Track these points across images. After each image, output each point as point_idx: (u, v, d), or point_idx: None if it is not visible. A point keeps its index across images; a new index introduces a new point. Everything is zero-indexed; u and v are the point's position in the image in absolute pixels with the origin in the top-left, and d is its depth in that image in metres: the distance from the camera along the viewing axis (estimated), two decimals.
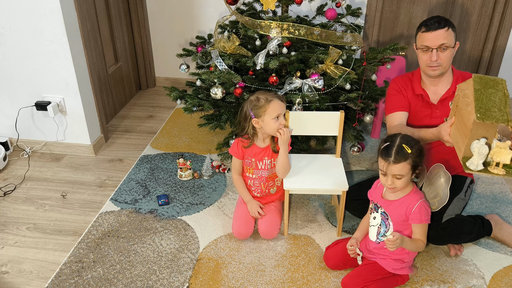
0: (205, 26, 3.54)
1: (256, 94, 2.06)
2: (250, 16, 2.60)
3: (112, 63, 3.34)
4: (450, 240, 2.02)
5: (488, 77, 1.59)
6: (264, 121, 2.01)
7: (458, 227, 1.98)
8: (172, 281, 1.94)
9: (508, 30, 3.22)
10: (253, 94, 2.07)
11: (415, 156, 1.68)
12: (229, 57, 2.46)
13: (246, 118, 2.06)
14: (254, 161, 2.13)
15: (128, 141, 3.08)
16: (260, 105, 2.00)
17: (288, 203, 2.14)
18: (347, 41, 2.48)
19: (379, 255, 1.86)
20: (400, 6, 3.31)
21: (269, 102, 1.99)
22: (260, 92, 2.10)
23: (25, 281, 1.97)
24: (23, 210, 2.41)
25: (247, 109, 2.04)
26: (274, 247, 2.13)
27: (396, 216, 1.78)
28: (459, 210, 2.05)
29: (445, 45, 1.94)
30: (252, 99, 2.04)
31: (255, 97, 2.03)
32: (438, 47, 1.94)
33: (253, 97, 2.04)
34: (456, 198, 2.03)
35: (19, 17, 2.48)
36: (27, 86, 2.72)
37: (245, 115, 2.06)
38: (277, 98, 2.02)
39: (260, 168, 2.14)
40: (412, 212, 1.74)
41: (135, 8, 3.47)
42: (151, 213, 2.35)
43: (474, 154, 1.52)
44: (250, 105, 2.03)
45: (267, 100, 2.00)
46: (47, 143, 2.92)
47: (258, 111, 2.00)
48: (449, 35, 1.94)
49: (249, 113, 2.03)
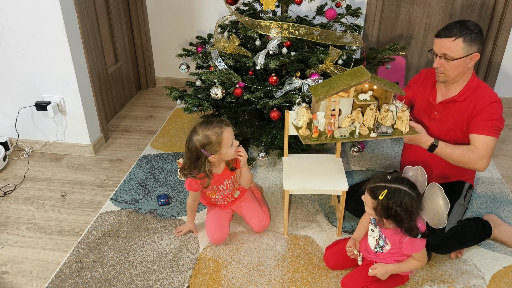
0: (205, 26, 3.54)
1: (199, 132, 1.87)
2: (250, 16, 2.60)
3: (112, 63, 3.34)
4: (455, 248, 2.01)
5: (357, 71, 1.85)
6: (221, 153, 1.90)
7: (461, 234, 1.98)
8: (172, 281, 1.94)
9: (508, 30, 3.22)
10: (195, 133, 1.88)
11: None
12: (229, 57, 2.46)
13: (199, 159, 1.90)
14: (215, 187, 2.08)
15: (128, 141, 3.08)
16: (213, 142, 1.86)
17: (288, 203, 2.14)
18: (347, 41, 2.48)
19: (379, 257, 1.86)
20: (400, 6, 3.31)
21: (220, 135, 1.86)
22: (200, 128, 1.89)
23: (25, 281, 1.97)
24: (23, 210, 2.41)
25: (197, 151, 1.87)
26: (274, 247, 2.13)
27: (391, 240, 1.77)
28: (460, 216, 2.05)
29: (447, 55, 1.86)
30: (200, 139, 1.86)
31: (203, 136, 1.85)
32: (441, 55, 1.89)
33: (200, 137, 1.86)
34: (456, 204, 2.03)
35: (19, 17, 2.48)
36: (27, 86, 2.72)
37: (197, 157, 1.89)
38: (224, 125, 1.89)
39: (222, 190, 2.11)
40: (404, 242, 1.71)
41: (135, 8, 3.47)
42: (151, 213, 2.35)
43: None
44: (201, 145, 1.86)
45: (218, 134, 1.86)
46: (47, 143, 2.92)
47: (213, 148, 1.87)
48: (455, 46, 1.84)
49: (203, 153, 1.87)
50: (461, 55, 1.85)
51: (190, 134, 1.90)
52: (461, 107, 1.98)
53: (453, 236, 1.95)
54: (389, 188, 1.63)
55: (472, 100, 1.95)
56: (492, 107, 1.92)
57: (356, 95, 1.89)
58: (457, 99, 1.98)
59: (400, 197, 1.61)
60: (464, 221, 2.08)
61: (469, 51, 1.85)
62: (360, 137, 1.88)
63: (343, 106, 1.92)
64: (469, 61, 1.88)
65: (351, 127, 1.88)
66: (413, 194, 1.64)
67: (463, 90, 1.97)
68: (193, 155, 1.90)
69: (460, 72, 1.92)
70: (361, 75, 1.80)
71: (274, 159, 2.79)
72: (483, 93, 1.94)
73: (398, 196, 1.61)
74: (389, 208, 1.62)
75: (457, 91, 1.99)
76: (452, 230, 1.95)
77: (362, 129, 1.87)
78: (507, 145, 3.02)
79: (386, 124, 1.87)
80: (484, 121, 1.92)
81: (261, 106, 2.36)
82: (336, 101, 1.87)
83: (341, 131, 1.87)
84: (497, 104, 1.93)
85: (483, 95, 1.94)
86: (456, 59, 1.86)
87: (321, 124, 1.89)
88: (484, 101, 1.92)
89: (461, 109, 1.98)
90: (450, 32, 1.84)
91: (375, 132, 1.88)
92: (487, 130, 1.91)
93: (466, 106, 1.96)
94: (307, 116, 1.90)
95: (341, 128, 1.87)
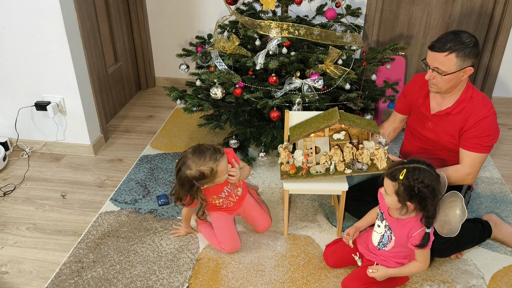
0: (205, 26, 3.54)
1: (192, 166, 1.77)
2: (250, 16, 2.60)
3: (111, 63, 3.34)
4: (454, 251, 2.01)
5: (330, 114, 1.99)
6: (215, 182, 1.86)
7: (459, 238, 1.95)
8: (172, 281, 1.94)
9: (508, 30, 3.22)
10: (187, 167, 1.77)
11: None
12: (229, 57, 2.46)
13: (191, 190, 1.84)
14: (215, 197, 2.04)
15: (128, 141, 3.08)
16: (208, 176, 1.79)
17: (288, 203, 2.14)
18: (346, 41, 2.48)
19: (379, 256, 1.85)
20: (400, 6, 3.31)
21: (215, 168, 1.78)
22: (193, 161, 1.78)
23: (25, 281, 1.97)
24: (23, 210, 2.41)
25: (190, 183, 1.80)
26: (274, 247, 2.13)
27: (399, 234, 1.75)
28: None
29: (439, 69, 1.82)
30: (194, 174, 1.77)
31: (197, 172, 1.76)
32: (433, 68, 1.85)
33: (194, 172, 1.77)
34: None
35: (19, 17, 2.48)
36: (27, 86, 2.72)
37: (189, 188, 1.83)
38: (219, 157, 1.80)
39: (223, 197, 2.06)
40: (413, 237, 1.68)
41: (134, 8, 3.47)
42: (151, 213, 2.35)
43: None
44: (193, 178, 1.78)
45: (213, 169, 1.78)
46: (46, 143, 2.92)
47: (207, 181, 1.81)
48: (448, 61, 1.79)
49: (196, 184, 1.82)
50: (453, 70, 1.81)
51: (181, 164, 1.79)
52: (454, 120, 1.96)
53: (451, 240, 1.93)
54: (408, 167, 1.61)
55: (465, 113, 1.93)
56: (484, 123, 1.88)
57: (331, 135, 2.05)
58: (451, 112, 1.96)
59: (420, 174, 1.58)
60: (463, 223, 2.07)
61: (462, 66, 1.81)
62: (336, 173, 1.98)
63: (321, 144, 2.07)
64: (462, 75, 1.85)
65: (325, 165, 1.99)
66: (432, 172, 1.62)
67: (457, 102, 1.95)
68: (185, 186, 1.82)
69: (452, 85, 1.89)
70: (331, 118, 1.96)
71: (274, 159, 2.79)
72: (477, 107, 1.91)
73: (418, 173, 1.58)
74: (411, 187, 1.58)
75: (452, 102, 1.97)
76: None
77: (339, 165, 1.98)
78: (507, 145, 3.02)
79: (363, 160, 1.98)
80: (474, 137, 1.89)
81: (261, 106, 2.36)
82: (312, 141, 2.04)
83: (317, 168, 1.98)
84: (489, 119, 1.88)
85: (477, 109, 1.90)
86: (448, 74, 1.83)
87: (298, 161, 2.01)
88: (477, 116, 1.89)
89: (455, 122, 1.96)
90: (444, 45, 1.78)
91: (350, 169, 1.98)
92: (476, 147, 1.90)
93: (459, 119, 1.94)
94: (284, 155, 2.03)
95: (317, 165, 1.99)
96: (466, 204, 2.11)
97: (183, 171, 1.79)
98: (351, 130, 2.07)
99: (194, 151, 1.81)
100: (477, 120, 1.89)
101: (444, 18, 3.31)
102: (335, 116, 1.93)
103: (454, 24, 3.32)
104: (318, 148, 2.06)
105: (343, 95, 2.39)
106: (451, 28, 3.33)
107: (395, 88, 2.68)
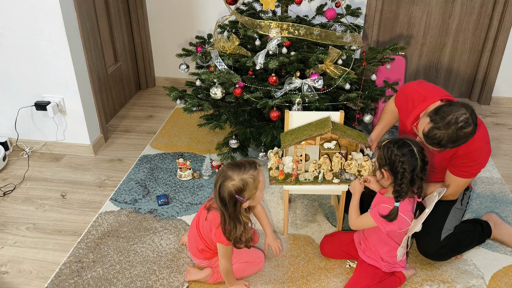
0: (204, 26, 3.54)
1: (233, 176, 1.64)
2: (250, 16, 2.60)
3: (111, 63, 3.34)
4: (452, 254, 2.00)
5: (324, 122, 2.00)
6: (255, 198, 1.70)
7: (458, 242, 1.96)
8: (172, 281, 1.94)
9: (507, 30, 3.22)
10: (229, 178, 1.64)
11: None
12: (229, 57, 2.46)
13: (235, 208, 1.67)
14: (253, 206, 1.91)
15: (128, 141, 3.08)
16: (250, 185, 1.65)
17: (288, 203, 2.14)
18: (346, 41, 2.48)
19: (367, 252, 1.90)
20: (400, 6, 3.31)
21: (257, 177, 1.67)
22: (234, 172, 1.66)
23: (24, 281, 1.97)
24: (23, 210, 2.41)
25: (233, 198, 1.65)
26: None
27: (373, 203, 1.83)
28: (458, 221, 2.03)
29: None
30: (237, 184, 1.63)
31: (240, 182, 1.64)
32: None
33: (236, 182, 1.64)
34: (453, 209, 2.01)
35: (19, 17, 2.48)
36: (26, 86, 2.72)
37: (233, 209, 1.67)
38: (258, 166, 1.71)
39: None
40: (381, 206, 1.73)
41: (134, 8, 3.47)
42: (150, 213, 2.35)
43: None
44: (236, 191, 1.64)
45: (255, 177, 1.66)
46: (46, 143, 2.92)
47: (250, 193, 1.67)
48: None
49: (238, 200, 1.65)
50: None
51: (222, 180, 1.66)
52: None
53: (449, 244, 1.93)
54: (393, 139, 1.72)
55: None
56: (476, 153, 1.82)
57: (322, 144, 2.06)
58: None
59: (400, 148, 1.66)
60: (462, 225, 2.05)
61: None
62: (324, 182, 2.00)
63: (311, 152, 2.09)
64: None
65: (314, 173, 2.01)
66: (415, 151, 1.66)
67: None
68: (230, 206, 1.66)
69: None
70: (323, 126, 1.97)
71: None
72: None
73: (397, 146, 1.67)
74: (386, 155, 1.68)
75: None
76: (449, 238, 1.93)
77: (327, 174, 2.01)
78: (507, 145, 3.02)
79: (351, 171, 2.01)
80: (463, 165, 1.85)
81: (261, 106, 2.36)
82: (303, 148, 2.04)
83: (305, 175, 2.01)
84: (481, 150, 1.82)
85: (471, 140, 1.75)
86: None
87: (288, 167, 2.03)
88: (470, 146, 1.79)
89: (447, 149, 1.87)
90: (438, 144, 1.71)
91: (338, 178, 2.00)
92: (462, 173, 1.87)
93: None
94: (274, 160, 2.06)
95: (306, 173, 2.02)
96: (466, 204, 2.12)
97: (225, 185, 1.65)
98: (341, 140, 2.09)
99: (229, 165, 1.70)
100: (470, 150, 1.81)
101: (444, 18, 3.31)
102: (328, 125, 1.95)
103: (454, 24, 3.32)
104: (308, 156, 2.09)
105: (343, 95, 2.39)
106: (451, 28, 3.34)
107: (395, 88, 2.68)
